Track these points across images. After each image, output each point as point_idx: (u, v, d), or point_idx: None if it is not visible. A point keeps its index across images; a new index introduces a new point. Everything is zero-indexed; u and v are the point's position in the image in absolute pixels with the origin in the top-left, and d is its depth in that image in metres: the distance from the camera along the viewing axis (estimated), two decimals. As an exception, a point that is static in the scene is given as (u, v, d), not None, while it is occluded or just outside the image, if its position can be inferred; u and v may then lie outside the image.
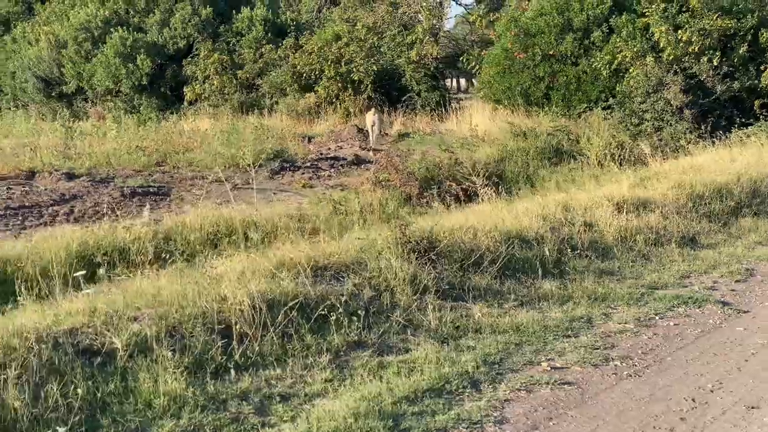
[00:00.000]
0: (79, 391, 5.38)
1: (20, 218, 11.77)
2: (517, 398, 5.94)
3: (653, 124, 18.94)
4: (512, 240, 9.30)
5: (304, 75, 29.01)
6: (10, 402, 5.14)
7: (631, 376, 6.44)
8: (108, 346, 5.91)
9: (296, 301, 6.88)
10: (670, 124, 18.77)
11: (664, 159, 15.62)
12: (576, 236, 9.97)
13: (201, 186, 15.48)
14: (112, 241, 9.19)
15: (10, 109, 33.29)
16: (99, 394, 5.51)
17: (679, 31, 20.05)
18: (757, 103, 20.10)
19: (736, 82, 20.05)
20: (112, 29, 31.23)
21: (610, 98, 20.59)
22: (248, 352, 6.35)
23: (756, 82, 20.25)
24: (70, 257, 8.81)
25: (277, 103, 29.16)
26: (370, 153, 20.69)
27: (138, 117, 27.11)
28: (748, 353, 6.92)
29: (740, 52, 20.34)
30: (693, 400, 5.95)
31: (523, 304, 8.07)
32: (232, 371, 6.04)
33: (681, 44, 20.03)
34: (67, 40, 32.15)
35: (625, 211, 10.88)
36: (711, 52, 20.07)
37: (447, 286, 8.02)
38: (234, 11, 32.45)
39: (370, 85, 27.69)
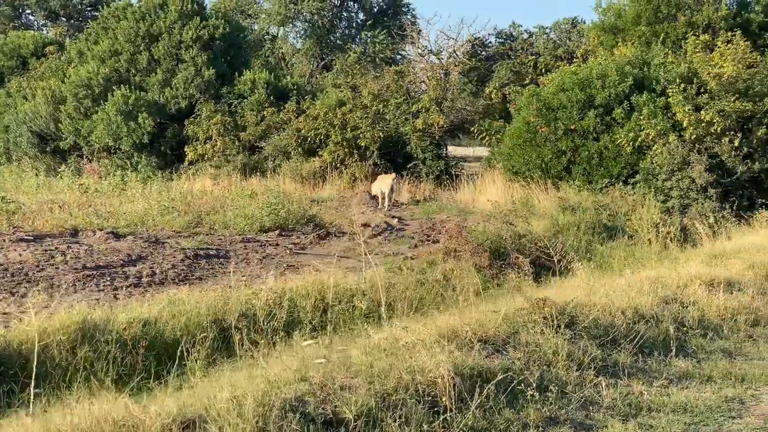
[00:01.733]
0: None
1: (108, 279, 11.58)
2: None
3: (681, 202, 19.30)
4: (637, 318, 9.38)
5: (309, 139, 29.16)
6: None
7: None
8: (338, 415, 5.83)
9: (487, 373, 6.87)
10: (698, 202, 19.15)
11: (714, 238, 15.90)
12: (686, 314, 10.07)
13: (254, 249, 15.40)
14: (239, 306, 9.08)
15: (1, 163, 33.01)
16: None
17: (702, 112, 20.53)
18: (777, 184, 20.63)
19: (756, 163, 20.51)
20: (113, 87, 31.15)
21: (633, 174, 20.99)
22: (454, 425, 6.31)
23: (776, 164, 20.78)
24: (201, 321, 8.73)
25: (280, 165, 29.22)
26: (395, 221, 20.76)
27: (136, 175, 27.03)
28: None
29: (759, 134, 20.85)
30: None
31: (671, 382, 8.12)
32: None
33: (703, 124, 20.51)
34: (66, 96, 32.03)
35: (720, 290, 11.03)
36: (732, 133, 20.55)
37: (599, 363, 8.05)
38: (236, 73, 32.59)
39: (376, 152, 27.91)
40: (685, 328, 9.72)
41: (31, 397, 6.08)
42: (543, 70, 27.29)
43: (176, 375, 7.40)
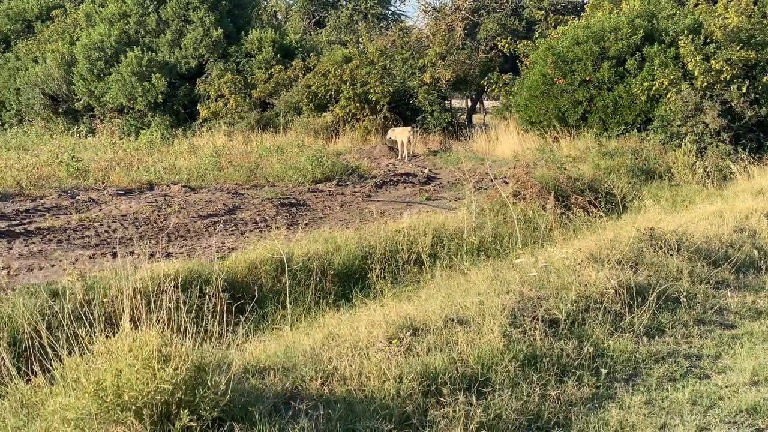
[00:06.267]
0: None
1: (232, 225, 12.75)
2: None
3: (697, 146, 20.74)
4: (722, 244, 10.79)
5: (320, 95, 30.19)
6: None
7: None
8: (553, 317, 7.17)
9: (638, 286, 8.24)
10: (713, 146, 20.61)
11: (745, 177, 17.34)
12: (759, 241, 11.49)
13: (325, 197, 16.58)
14: (383, 243, 10.34)
15: (13, 124, 33.61)
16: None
17: (712, 60, 21.93)
18: (782, 127, 22.12)
19: (763, 108, 21.97)
20: (125, 49, 31.88)
21: (647, 122, 22.43)
22: (635, 324, 7.67)
23: (780, 108, 22.23)
24: (356, 254, 10.01)
25: (291, 121, 30.23)
26: (426, 170, 22.00)
27: (150, 133, 27.97)
28: None
29: (763, 80, 22.28)
30: None
31: (772, 294, 9.54)
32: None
33: (712, 73, 21.92)
34: (78, 58, 32.63)
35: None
36: (739, 80, 21.99)
37: (711, 279, 9.46)
38: (242, 33, 33.41)
39: (386, 106, 29.04)
40: (762, 252, 11.12)
41: (289, 312, 7.30)
42: (553, 24, 28.47)
43: (363, 296, 8.69)
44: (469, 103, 37.36)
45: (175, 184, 17.23)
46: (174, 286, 5.91)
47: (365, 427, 5.05)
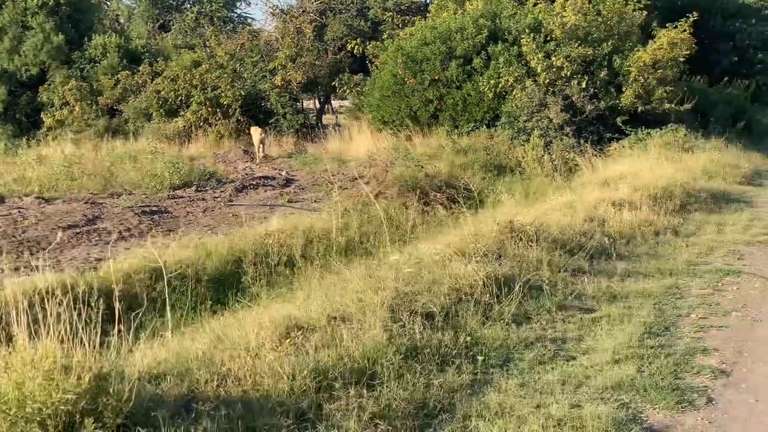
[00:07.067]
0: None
1: (95, 235, 12.61)
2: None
3: (544, 140, 21.66)
4: (575, 233, 11.44)
5: (170, 100, 29.90)
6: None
7: (758, 320, 8.70)
8: (428, 310, 7.52)
9: (503, 277, 8.70)
10: (557, 139, 21.56)
11: (592, 169, 18.25)
12: (608, 229, 12.22)
13: (186, 204, 16.54)
14: (253, 246, 10.49)
15: None
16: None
17: (553, 58, 22.92)
18: (619, 119, 23.21)
19: (601, 102, 23.10)
20: (-40, 56, 30.83)
21: (495, 118, 23.28)
22: (504, 313, 8.11)
23: (617, 101, 23.36)
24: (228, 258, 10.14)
25: (142, 127, 29.86)
26: (283, 173, 22.16)
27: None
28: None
29: (601, 75, 23.44)
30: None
31: (623, 278, 10.18)
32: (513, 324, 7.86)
33: (554, 69, 22.91)
34: None
35: (624, 209, 13.26)
36: (579, 76, 23.05)
37: (569, 267, 10.04)
38: (84, 38, 32.72)
39: (238, 109, 29.03)
40: (612, 239, 11.84)
41: (168, 317, 7.40)
42: (399, 25, 29.11)
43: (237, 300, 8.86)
44: (318, 105, 37.66)
45: (27, 196, 16.83)
46: (48, 299, 5.92)
47: (264, 425, 5.24)
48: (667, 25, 24.57)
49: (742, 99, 29.99)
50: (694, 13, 24.43)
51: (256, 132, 25.47)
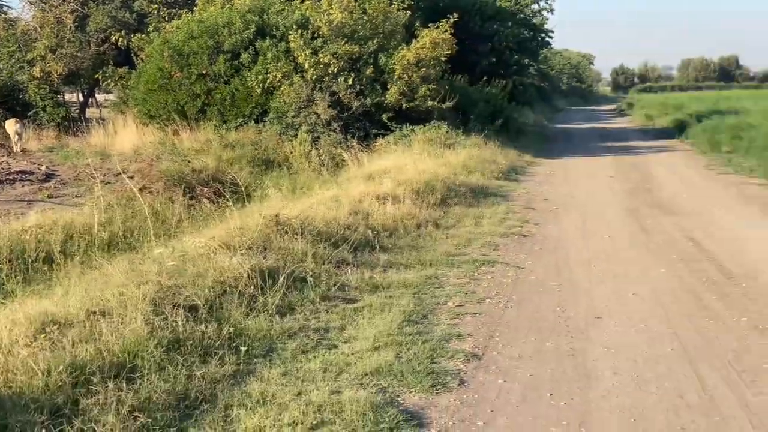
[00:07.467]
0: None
1: None
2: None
3: (311, 136, 21.92)
4: (341, 227, 11.71)
5: None
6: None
7: (508, 306, 9.26)
8: (192, 303, 7.50)
9: (268, 269, 8.81)
10: (325, 134, 21.90)
11: (355, 164, 18.63)
12: (372, 222, 12.57)
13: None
14: (9, 243, 10.06)
15: None
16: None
17: (320, 54, 23.23)
18: (384, 116, 23.81)
19: (367, 98, 23.62)
20: None
21: (264, 113, 23.33)
22: (268, 304, 8.21)
23: (382, 98, 23.95)
24: None
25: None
26: (43, 168, 21.28)
27: None
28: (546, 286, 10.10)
29: (367, 73, 23.97)
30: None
31: (385, 269, 10.53)
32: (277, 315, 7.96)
33: (321, 66, 23.23)
34: None
35: (387, 203, 13.68)
36: (346, 73, 23.48)
37: (333, 259, 10.27)
38: None
39: (-8, 101, 27.68)
40: (375, 232, 12.19)
41: None
42: (166, 18, 28.57)
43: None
44: (81, 98, 36.40)
45: None
46: None
47: (17, 422, 5.10)
48: (429, 25, 25.45)
49: (499, 98, 31.39)
50: (455, 14, 25.46)
51: (11, 124, 24.36)
